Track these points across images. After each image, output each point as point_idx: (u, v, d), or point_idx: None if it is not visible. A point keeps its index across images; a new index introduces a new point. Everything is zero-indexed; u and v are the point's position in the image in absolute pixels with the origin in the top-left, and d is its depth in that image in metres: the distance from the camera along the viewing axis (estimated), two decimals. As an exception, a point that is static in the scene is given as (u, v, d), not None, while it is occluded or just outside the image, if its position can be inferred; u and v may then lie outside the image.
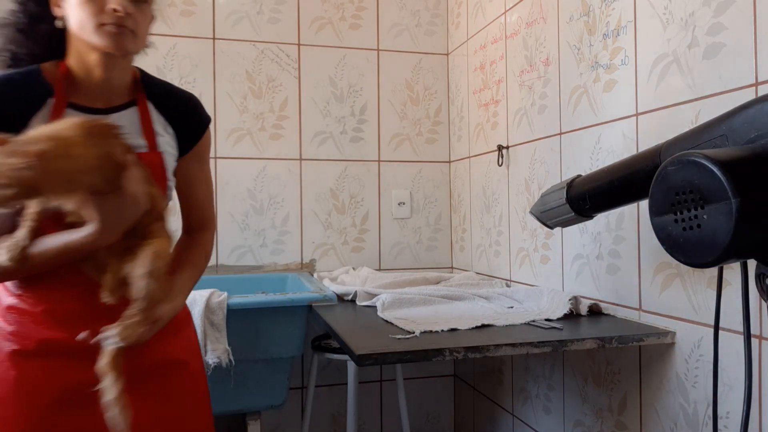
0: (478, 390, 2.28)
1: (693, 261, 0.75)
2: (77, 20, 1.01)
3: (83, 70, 1.05)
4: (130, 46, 1.03)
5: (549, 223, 1.26)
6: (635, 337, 1.23)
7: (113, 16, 0.99)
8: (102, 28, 1.00)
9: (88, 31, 1.00)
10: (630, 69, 1.39)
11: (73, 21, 1.02)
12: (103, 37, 1.00)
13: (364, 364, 1.10)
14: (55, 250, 0.96)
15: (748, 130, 0.76)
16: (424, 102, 2.56)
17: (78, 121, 0.90)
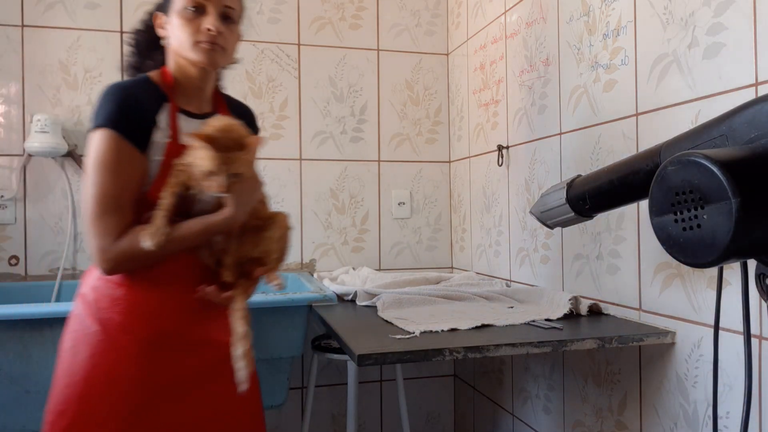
0: (478, 390, 2.28)
1: (693, 261, 0.75)
2: (177, 39, 1.19)
3: (184, 80, 1.23)
4: (220, 60, 1.22)
5: (549, 223, 1.26)
6: (635, 337, 1.23)
7: (207, 34, 1.17)
8: (198, 45, 1.18)
9: (186, 48, 1.18)
10: (630, 69, 1.39)
11: (173, 40, 1.20)
12: (198, 53, 1.18)
13: (364, 364, 1.10)
14: (195, 232, 1.12)
15: (748, 130, 0.76)
16: (424, 102, 2.56)
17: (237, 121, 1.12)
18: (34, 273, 2.18)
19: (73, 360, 1.15)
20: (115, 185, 1.09)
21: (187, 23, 1.17)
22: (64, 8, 2.22)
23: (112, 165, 1.09)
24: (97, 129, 1.11)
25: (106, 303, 1.14)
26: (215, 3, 1.19)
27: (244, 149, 1.08)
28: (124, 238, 1.09)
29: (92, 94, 2.24)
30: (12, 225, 2.17)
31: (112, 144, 1.10)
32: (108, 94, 1.13)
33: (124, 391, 1.11)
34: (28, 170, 2.19)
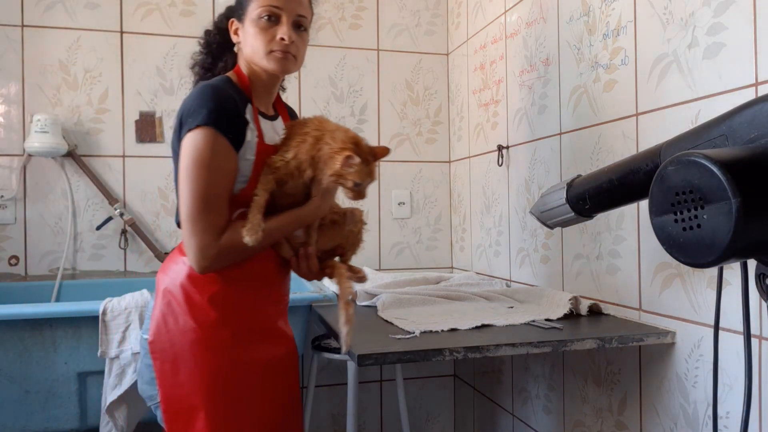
0: (478, 390, 2.28)
1: (693, 261, 0.75)
2: (251, 47, 1.24)
3: (257, 83, 1.28)
4: (292, 68, 1.27)
5: (549, 223, 1.26)
6: (635, 337, 1.23)
7: (280, 44, 1.22)
8: (271, 54, 1.23)
9: (259, 57, 1.23)
10: (630, 69, 1.39)
11: (247, 47, 1.25)
12: (271, 61, 1.23)
13: (364, 364, 1.10)
14: (286, 223, 1.21)
15: (748, 130, 0.76)
16: (424, 102, 2.56)
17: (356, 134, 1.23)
18: (34, 273, 2.18)
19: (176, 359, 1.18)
20: (215, 183, 1.13)
21: (261, 32, 1.22)
22: (64, 8, 2.22)
23: (212, 163, 1.12)
24: (197, 128, 1.12)
25: (200, 300, 1.17)
26: (289, 12, 1.23)
27: (375, 159, 1.21)
28: (225, 234, 1.14)
29: (92, 94, 2.24)
30: (12, 225, 2.17)
31: (212, 142, 1.12)
32: (203, 94, 1.15)
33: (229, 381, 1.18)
34: (28, 170, 2.19)
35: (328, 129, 1.21)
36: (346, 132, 1.20)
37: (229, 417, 1.17)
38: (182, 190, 1.13)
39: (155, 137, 2.30)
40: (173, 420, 1.18)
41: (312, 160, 1.18)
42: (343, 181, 1.17)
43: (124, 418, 1.67)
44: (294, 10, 1.23)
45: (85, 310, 1.68)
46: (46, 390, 1.68)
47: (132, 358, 1.66)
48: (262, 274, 1.24)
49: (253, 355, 1.21)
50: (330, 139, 1.17)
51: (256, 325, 1.23)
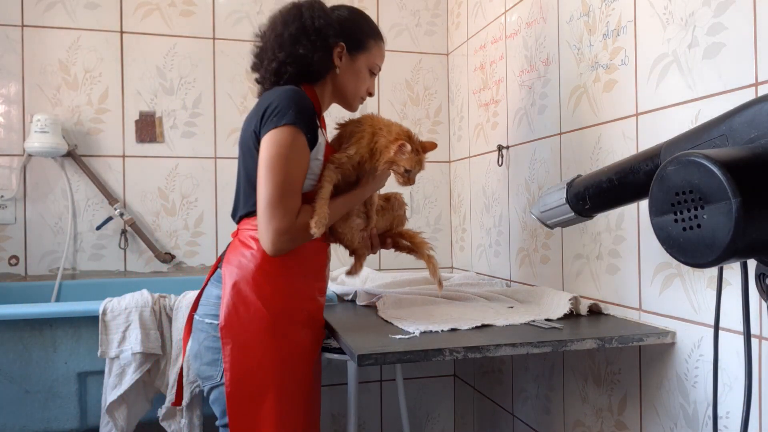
0: (478, 390, 2.28)
1: (693, 261, 0.75)
2: (353, 86, 1.46)
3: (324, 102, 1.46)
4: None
5: (549, 223, 1.26)
6: (635, 337, 1.23)
7: (367, 94, 1.51)
8: (359, 99, 1.50)
9: (351, 96, 1.48)
10: (630, 69, 1.39)
11: (348, 82, 1.45)
12: (355, 102, 1.50)
13: (364, 364, 1.10)
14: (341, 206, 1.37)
15: (748, 130, 0.76)
16: (424, 102, 2.56)
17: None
18: (34, 273, 2.18)
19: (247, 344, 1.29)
20: (295, 174, 1.26)
21: (366, 80, 1.48)
22: (64, 8, 2.22)
23: (294, 157, 1.26)
24: (284, 126, 1.25)
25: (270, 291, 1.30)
26: (378, 71, 1.52)
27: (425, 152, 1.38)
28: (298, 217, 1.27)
29: (92, 94, 2.24)
30: (12, 225, 2.17)
31: (298, 140, 1.26)
32: (291, 97, 1.29)
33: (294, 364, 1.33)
34: (28, 170, 2.19)
35: (383, 124, 1.38)
36: (400, 126, 1.37)
37: (294, 399, 1.31)
38: (263, 179, 1.25)
39: (155, 137, 2.30)
40: (240, 401, 1.28)
41: (371, 152, 1.35)
42: (396, 168, 1.34)
43: (124, 418, 1.67)
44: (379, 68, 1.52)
45: (85, 310, 1.69)
46: (46, 390, 1.68)
47: (132, 358, 1.66)
48: (316, 267, 1.41)
49: (307, 341, 1.36)
50: (386, 132, 1.34)
51: (310, 314, 1.38)
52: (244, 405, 1.28)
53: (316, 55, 1.37)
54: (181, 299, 1.75)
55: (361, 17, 1.48)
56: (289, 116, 1.26)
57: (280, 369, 1.30)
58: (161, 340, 1.71)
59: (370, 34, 1.47)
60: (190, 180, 2.33)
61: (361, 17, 1.48)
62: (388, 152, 1.32)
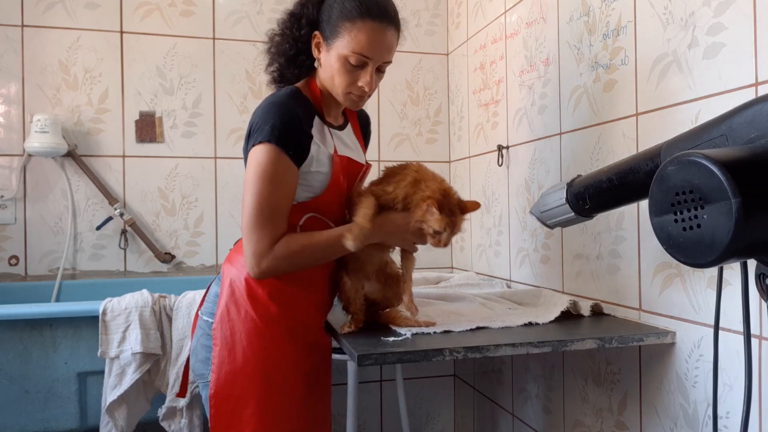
0: (478, 390, 2.28)
1: (693, 261, 0.75)
2: (331, 79, 1.25)
3: (328, 97, 1.31)
4: (363, 104, 1.32)
5: (549, 223, 1.26)
6: (635, 337, 1.23)
7: (360, 90, 1.25)
8: (348, 96, 1.26)
9: (336, 92, 1.26)
10: (630, 69, 1.39)
11: (326, 74, 1.26)
12: (347, 101, 1.28)
13: (364, 364, 1.10)
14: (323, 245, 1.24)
15: (748, 130, 0.76)
16: (424, 102, 2.56)
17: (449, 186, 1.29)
18: (34, 273, 2.18)
19: (234, 347, 1.24)
20: (275, 195, 1.18)
21: (345, 73, 1.23)
22: (64, 8, 2.22)
23: (273, 177, 1.17)
24: (261, 143, 1.17)
25: (262, 294, 1.24)
26: (376, 60, 1.23)
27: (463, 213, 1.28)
28: (278, 243, 1.18)
29: (92, 94, 2.24)
30: (12, 225, 2.17)
31: (275, 158, 1.17)
32: (270, 111, 1.19)
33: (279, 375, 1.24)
34: (28, 170, 2.19)
35: (426, 177, 1.28)
36: (440, 183, 1.27)
37: (276, 410, 1.23)
38: (244, 199, 1.19)
39: (155, 137, 2.30)
40: (222, 404, 1.23)
41: (405, 199, 1.26)
42: (425, 227, 1.24)
43: (124, 418, 1.67)
44: (381, 58, 1.24)
45: (85, 310, 1.69)
46: (46, 390, 1.68)
47: (132, 358, 1.66)
48: (316, 278, 1.30)
49: (298, 355, 1.26)
50: (424, 186, 1.25)
51: (304, 326, 1.29)
52: (225, 409, 1.23)
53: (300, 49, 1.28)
54: (181, 299, 1.75)
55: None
56: (265, 133, 1.17)
57: (264, 378, 1.23)
58: (161, 340, 1.71)
59: (345, 14, 1.21)
60: (190, 180, 2.33)
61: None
62: (418, 210, 1.23)
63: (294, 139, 1.19)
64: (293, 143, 1.19)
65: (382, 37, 1.21)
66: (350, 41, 1.20)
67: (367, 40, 1.20)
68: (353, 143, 1.40)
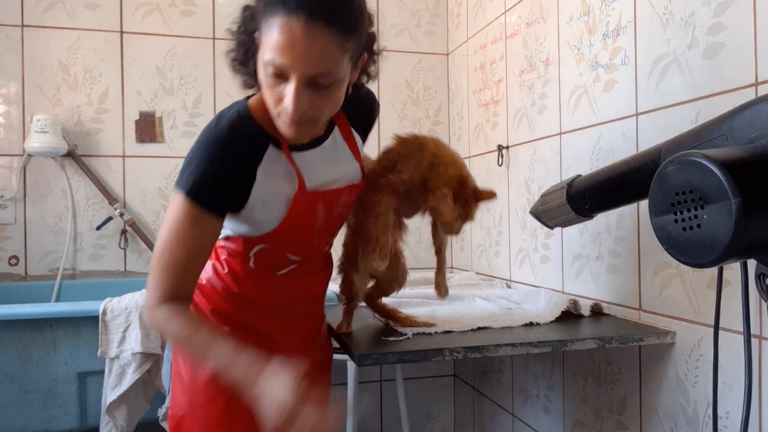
0: (478, 390, 2.28)
1: (693, 261, 0.75)
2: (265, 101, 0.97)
3: None
4: (309, 131, 0.99)
5: (549, 223, 1.26)
6: (635, 337, 1.23)
7: (287, 112, 0.91)
8: (279, 118, 0.95)
9: (271, 114, 0.97)
10: (630, 69, 1.39)
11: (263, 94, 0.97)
12: (281, 126, 0.96)
13: (364, 364, 1.10)
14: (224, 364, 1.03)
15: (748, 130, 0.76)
16: (424, 102, 2.56)
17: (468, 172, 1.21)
18: (34, 273, 2.18)
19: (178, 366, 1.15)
20: (179, 253, 0.99)
21: (269, 87, 0.92)
22: (64, 8, 2.22)
23: (181, 233, 0.98)
24: (177, 191, 0.99)
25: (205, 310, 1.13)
26: (299, 73, 0.87)
27: (477, 201, 1.19)
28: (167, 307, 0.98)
29: (92, 94, 2.24)
30: (12, 225, 2.17)
31: (186, 213, 0.98)
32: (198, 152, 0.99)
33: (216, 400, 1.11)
34: (28, 170, 2.19)
35: (443, 160, 1.19)
36: (460, 169, 1.19)
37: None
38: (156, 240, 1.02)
39: (155, 137, 2.30)
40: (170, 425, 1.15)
41: (421, 183, 1.18)
42: (438, 215, 1.18)
43: (124, 418, 1.67)
44: (304, 71, 0.87)
45: (85, 310, 1.69)
46: (46, 390, 1.68)
47: (132, 358, 1.66)
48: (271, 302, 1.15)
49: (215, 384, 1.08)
50: (443, 170, 1.17)
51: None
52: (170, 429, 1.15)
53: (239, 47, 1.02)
54: (181, 299, 1.75)
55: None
56: (183, 180, 0.98)
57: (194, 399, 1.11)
58: (161, 340, 1.71)
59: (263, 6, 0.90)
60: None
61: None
62: (433, 198, 1.15)
63: (216, 192, 0.98)
64: (214, 198, 0.98)
65: (298, 38, 0.85)
66: (265, 44, 0.89)
67: (279, 40, 0.85)
68: (339, 158, 1.12)
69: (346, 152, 1.13)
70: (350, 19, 0.90)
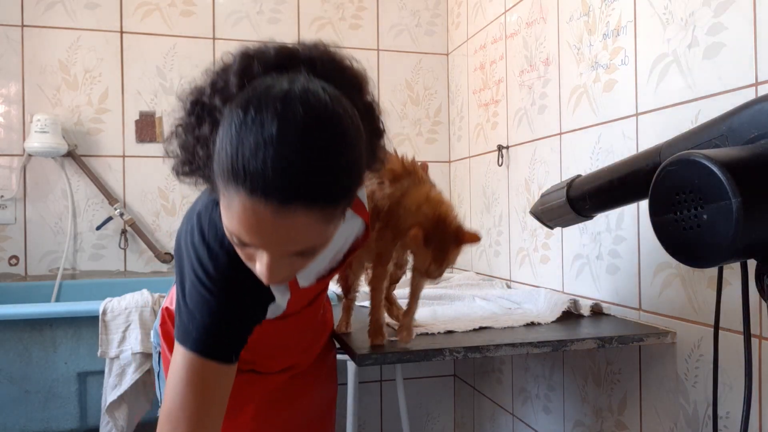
0: (478, 390, 2.28)
1: (693, 261, 0.75)
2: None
3: None
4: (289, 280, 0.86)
5: (549, 223, 1.26)
6: (635, 337, 1.23)
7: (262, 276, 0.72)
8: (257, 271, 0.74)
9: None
10: (630, 69, 1.39)
11: None
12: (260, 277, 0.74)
13: (364, 364, 1.10)
14: None
15: (748, 130, 0.76)
16: (424, 102, 2.56)
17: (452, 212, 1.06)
18: (34, 273, 2.18)
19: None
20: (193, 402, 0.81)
21: (238, 247, 0.72)
22: (64, 8, 2.22)
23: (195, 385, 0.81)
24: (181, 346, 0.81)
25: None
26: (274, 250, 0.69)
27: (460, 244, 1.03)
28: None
29: (92, 94, 2.24)
30: (12, 225, 2.17)
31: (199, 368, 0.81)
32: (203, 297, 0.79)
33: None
34: (28, 170, 2.19)
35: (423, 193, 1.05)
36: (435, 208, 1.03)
37: None
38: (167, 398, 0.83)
39: (155, 137, 2.30)
40: None
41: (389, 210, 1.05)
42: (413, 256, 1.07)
43: (124, 418, 1.67)
44: (280, 248, 0.69)
45: (85, 310, 1.69)
46: (46, 390, 1.68)
47: (132, 358, 1.66)
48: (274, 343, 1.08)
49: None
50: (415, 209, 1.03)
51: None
52: None
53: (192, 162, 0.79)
54: (181, 299, 1.75)
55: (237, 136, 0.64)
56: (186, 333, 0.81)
57: None
58: None
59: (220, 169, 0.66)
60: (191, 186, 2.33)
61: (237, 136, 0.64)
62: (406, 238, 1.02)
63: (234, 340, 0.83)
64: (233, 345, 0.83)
65: (269, 223, 0.65)
66: (225, 211, 0.69)
67: (243, 220, 0.66)
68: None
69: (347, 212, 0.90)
70: (340, 184, 0.67)
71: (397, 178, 1.07)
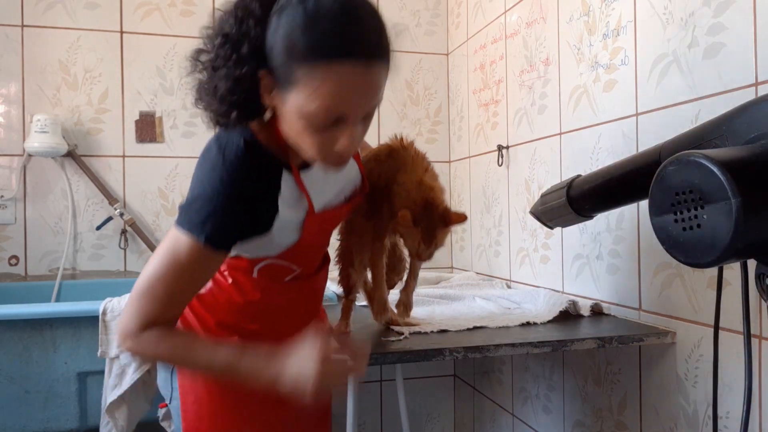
0: (478, 390, 2.28)
1: (693, 261, 0.75)
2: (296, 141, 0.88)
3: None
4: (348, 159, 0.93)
5: (549, 223, 1.26)
6: (635, 337, 1.23)
7: (337, 156, 0.87)
8: (326, 159, 0.89)
9: (309, 155, 0.89)
10: (630, 69, 1.39)
11: (288, 129, 0.88)
12: (325, 164, 0.90)
13: (364, 364, 1.10)
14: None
15: (748, 130, 0.76)
16: (424, 102, 2.56)
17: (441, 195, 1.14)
18: (34, 273, 2.18)
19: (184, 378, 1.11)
20: (177, 286, 0.90)
21: (314, 134, 0.84)
22: (64, 8, 2.22)
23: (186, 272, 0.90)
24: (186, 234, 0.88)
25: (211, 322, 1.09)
26: (359, 112, 0.85)
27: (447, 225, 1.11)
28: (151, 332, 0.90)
29: (92, 94, 2.24)
30: (12, 225, 2.17)
31: (197, 256, 0.88)
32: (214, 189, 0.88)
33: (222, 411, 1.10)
34: (28, 170, 2.19)
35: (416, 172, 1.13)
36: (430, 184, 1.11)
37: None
38: (145, 268, 0.91)
39: (155, 137, 2.30)
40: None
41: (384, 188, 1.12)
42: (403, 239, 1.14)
43: (124, 418, 1.67)
44: (365, 107, 0.85)
45: (85, 310, 1.68)
46: (46, 390, 1.68)
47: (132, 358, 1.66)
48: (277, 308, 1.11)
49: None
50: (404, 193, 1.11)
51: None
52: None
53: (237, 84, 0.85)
54: (181, 299, 1.75)
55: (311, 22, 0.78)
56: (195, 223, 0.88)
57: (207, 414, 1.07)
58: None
59: (301, 53, 0.79)
60: (190, 180, 2.33)
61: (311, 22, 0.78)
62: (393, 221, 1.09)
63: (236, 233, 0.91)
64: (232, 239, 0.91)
65: (361, 82, 0.82)
66: (313, 94, 0.80)
67: (340, 88, 0.80)
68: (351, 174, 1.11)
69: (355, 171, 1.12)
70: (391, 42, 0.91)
71: (394, 153, 1.17)
